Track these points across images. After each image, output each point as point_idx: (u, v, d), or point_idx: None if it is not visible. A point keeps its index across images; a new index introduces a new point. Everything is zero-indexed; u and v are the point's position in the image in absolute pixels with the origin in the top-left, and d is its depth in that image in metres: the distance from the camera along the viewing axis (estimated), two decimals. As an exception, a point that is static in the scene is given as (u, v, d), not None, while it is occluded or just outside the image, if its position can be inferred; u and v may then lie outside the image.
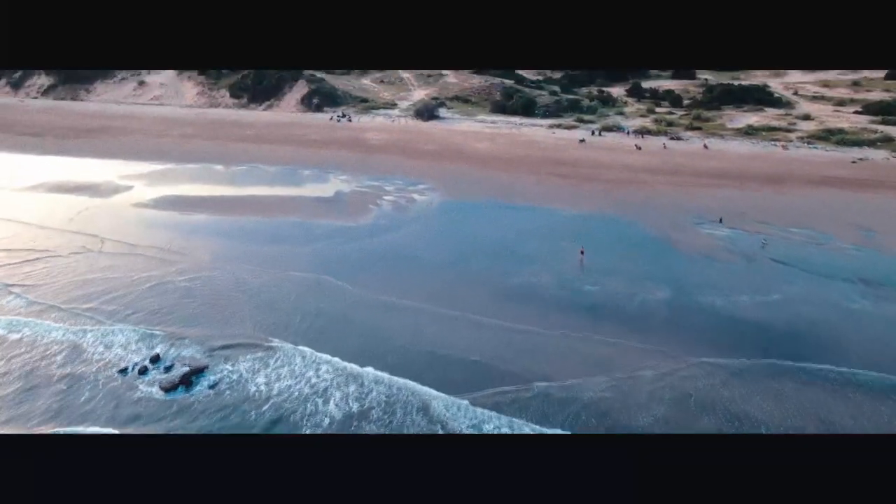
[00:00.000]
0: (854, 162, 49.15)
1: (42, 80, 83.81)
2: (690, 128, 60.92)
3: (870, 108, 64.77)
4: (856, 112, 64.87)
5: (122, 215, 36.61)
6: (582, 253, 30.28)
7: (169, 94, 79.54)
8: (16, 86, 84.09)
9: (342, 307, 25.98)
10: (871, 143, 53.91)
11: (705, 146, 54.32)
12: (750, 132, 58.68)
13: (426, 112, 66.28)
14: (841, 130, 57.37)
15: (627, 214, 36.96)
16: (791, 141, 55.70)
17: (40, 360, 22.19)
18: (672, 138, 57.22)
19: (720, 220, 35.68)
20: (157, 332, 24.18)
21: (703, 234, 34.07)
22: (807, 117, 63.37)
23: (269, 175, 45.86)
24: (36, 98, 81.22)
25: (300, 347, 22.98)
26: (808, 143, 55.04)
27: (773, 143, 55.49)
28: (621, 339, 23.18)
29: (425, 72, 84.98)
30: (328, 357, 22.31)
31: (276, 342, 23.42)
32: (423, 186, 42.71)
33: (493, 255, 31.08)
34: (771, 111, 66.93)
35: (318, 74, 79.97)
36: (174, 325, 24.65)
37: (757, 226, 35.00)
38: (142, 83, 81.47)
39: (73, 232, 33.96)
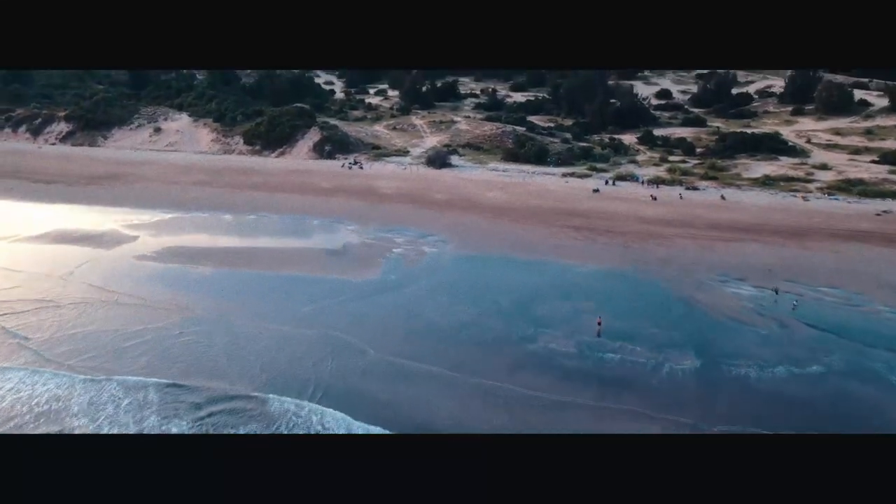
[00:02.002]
0: (879, 214, 47.56)
1: (61, 126, 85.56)
2: (706, 177, 59.93)
3: (887, 157, 63.59)
4: (873, 161, 63.70)
5: (124, 267, 35.74)
6: (599, 323, 27.86)
7: (184, 140, 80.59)
8: (35, 132, 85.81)
9: (349, 369, 24.50)
10: (894, 195, 52.41)
11: (722, 197, 53.12)
12: (767, 182, 57.52)
13: (438, 160, 66.14)
14: (861, 181, 56.05)
15: (647, 271, 35.40)
16: (811, 192, 54.39)
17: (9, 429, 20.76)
18: (688, 188, 56.17)
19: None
20: (149, 396, 22.88)
21: (728, 293, 32.32)
22: (824, 167, 62.25)
23: (277, 225, 45.17)
24: (54, 144, 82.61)
25: (302, 415, 21.55)
26: (829, 194, 53.66)
27: (791, 193, 54.18)
28: (650, 412, 21.38)
29: (437, 118, 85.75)
30: (332, 423, 20.95)
31: (274, 408, 22.05)
32: (434, 238, 41.63)
33: (507, 315, 29.53)
34: (786, 160, 65.95)
35: (332, 121, 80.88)
36: (166, 387, 23.33)
37: (785, 285, 33.21)
38: (158, 129, 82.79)
39: (73, 284, 33.08)
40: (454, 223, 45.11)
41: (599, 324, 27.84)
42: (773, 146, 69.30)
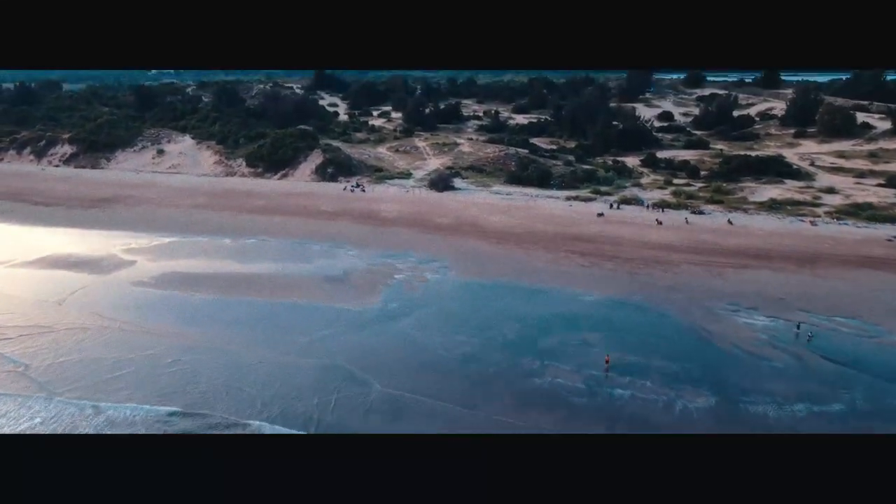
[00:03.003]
0: (890, 240, 46.69)
1: (65, 148, 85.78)
2: (711, 201, 59.29)
3: (894, 181, 63.01)
4: (879, 185, 63.09)
5: (121, 294, 35.02)
6: (607, 361, 26.49)
7: (187, 162, 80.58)
8: (39, 154, 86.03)
9: (349, 401, 23.46)
10: (904, 220, 51.58)
11: (729, 221, 52.39)
12: (774, 206, 56.82)
13: (441, 182, 65.77)
14: (870, 205, 55.32)
15: (655, 300, 34.45)
16: (819, 216, 53.63)
17: None
18: (693, 212, 55.49)
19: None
20: (138, 425, 21.99)
21: (740, 324, 31.34)
22: (830, 190, 61.63)
23: (277, 250, 44.47)
24: (57, 166, 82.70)
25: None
26: (837, 218, 52.89)
27: (799, 218, 53.43)
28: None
29: (440, 140, 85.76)
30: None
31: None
32: (436, 264, 40.86)
33: (512, 347, 28.58)
34: (791, 183, 65.35)
35: (335, 143, 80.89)
36: (158, 416, 22.41)
37: (798, 314, 32.23)
38: (161, 152, 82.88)
39: (66, 310, 32.36)
40: (457, 248, 44.40)
41: (607, 362, 26.59)
42: (777, 169, 68.80)
